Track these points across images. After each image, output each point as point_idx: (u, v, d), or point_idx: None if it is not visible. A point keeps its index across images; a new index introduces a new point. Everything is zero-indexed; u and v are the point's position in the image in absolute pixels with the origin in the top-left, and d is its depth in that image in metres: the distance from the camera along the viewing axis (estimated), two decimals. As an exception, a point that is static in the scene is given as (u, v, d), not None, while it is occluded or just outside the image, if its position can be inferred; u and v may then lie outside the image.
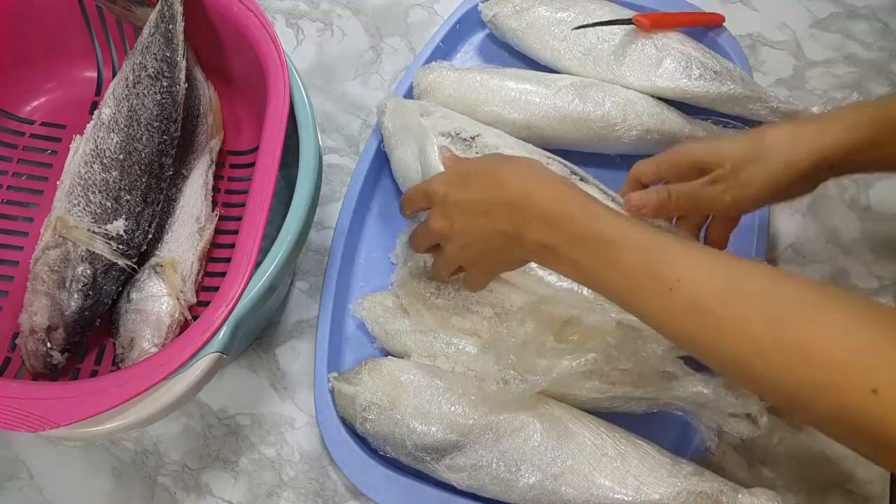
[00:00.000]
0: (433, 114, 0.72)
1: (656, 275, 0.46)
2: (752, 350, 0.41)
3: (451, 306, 0.67)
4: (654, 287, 0.46)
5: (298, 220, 0.59)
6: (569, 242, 0.50)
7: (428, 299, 0.67)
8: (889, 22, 0.86)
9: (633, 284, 0.47)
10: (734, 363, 0.43)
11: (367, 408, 0.62)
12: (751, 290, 0.43)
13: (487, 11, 0.80)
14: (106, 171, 0.64)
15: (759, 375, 0.42)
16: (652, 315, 0.47)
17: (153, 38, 0.66)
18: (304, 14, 0.87)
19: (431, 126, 0.70)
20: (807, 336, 0.39)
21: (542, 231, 0.51)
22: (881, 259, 0.73)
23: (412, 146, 0.70)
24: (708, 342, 0.44)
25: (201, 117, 0.71)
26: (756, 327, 0.41)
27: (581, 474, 0.58)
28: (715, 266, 0.45)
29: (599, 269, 0.49)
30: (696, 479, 0.58)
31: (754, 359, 0.41)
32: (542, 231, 0.51)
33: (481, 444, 0.60)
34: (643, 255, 0.47)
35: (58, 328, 0.61)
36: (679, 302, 0.45)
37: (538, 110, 0.73)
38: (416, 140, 0.70)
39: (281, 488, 0.65)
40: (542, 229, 0.51)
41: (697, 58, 0.73)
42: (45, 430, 0.51)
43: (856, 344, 0.38)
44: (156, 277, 0.64)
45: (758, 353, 0.41)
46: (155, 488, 0.65)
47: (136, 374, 0.53)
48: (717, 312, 0.43)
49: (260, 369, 0.70)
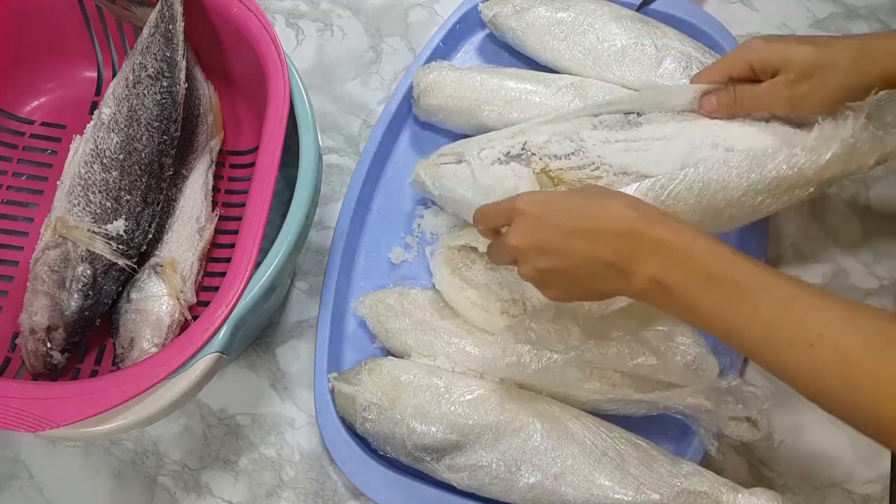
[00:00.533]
0: (470, 149, 0.68)
1: (796, 328, 0.44)
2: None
3: (475, 281, 0.66)
4: (794, 340, 0.44)
5: (298, 220, 0.59)
6: (695, 283, 0.47)
7: (458, 268, 0.67)
8: (889, 22, 0.86)
9: (769, 336, 0.45)
10: (880, 420, 0.42)
11: (367, 408, 0.62)
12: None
13: (487, 11, 0.80)
14: (106, 171, 0.64)
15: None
16: (788, 368, 0.45)
17: (153, 38, 0.66)
18: (304, 14, 0.87)
19: (482, 161, 0.66)
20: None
21: (662, 267, 0.48)
22: (881, 259, 0.73)
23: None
24: (852, 400, 0.43)
25: (201, 117, 0.71)
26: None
27: (581, 474, 0.58)
28: (857, 320, 0.44)
29: (728, 316, 0.46)
30: (696, 479, 0.58)
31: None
32: (662, 267, 0.48)
33: (481, 444, 0.60)
34: (783, 305, 0.45)
35: (58, 328, 0.61)
36: (821, 357, 0.43)
37: (538, 110, 0.72)
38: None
39: (281, 488, 0.65)
40: (661, 265, 0.48)
41: (697, 58, 0.73)
42: (45, 430, 0.51)
43: None
44: (156, 277, 0.65)
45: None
46: (155, 488, 0.65)
47: (136, 374, 0.53)
48: (863, 370, 0.42)
49: (260, 369, 0.70)
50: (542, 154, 0.65)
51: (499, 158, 0.66)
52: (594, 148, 0.64)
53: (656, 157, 0.63)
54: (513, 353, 0.59)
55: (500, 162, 0.66)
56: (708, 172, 0.59)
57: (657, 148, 0.63)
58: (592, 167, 0.63)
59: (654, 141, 0.63)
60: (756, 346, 0.46)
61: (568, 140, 0.65)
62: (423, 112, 0.76)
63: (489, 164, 0.66)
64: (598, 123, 0.66)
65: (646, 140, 0.64)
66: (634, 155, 0.63)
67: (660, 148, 0.63)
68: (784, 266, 0.73)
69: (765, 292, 0.45)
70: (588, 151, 0.64)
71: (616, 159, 0.63)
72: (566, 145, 0.65)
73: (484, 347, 0.64)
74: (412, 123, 0.79)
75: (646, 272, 0.48)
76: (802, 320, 0.44)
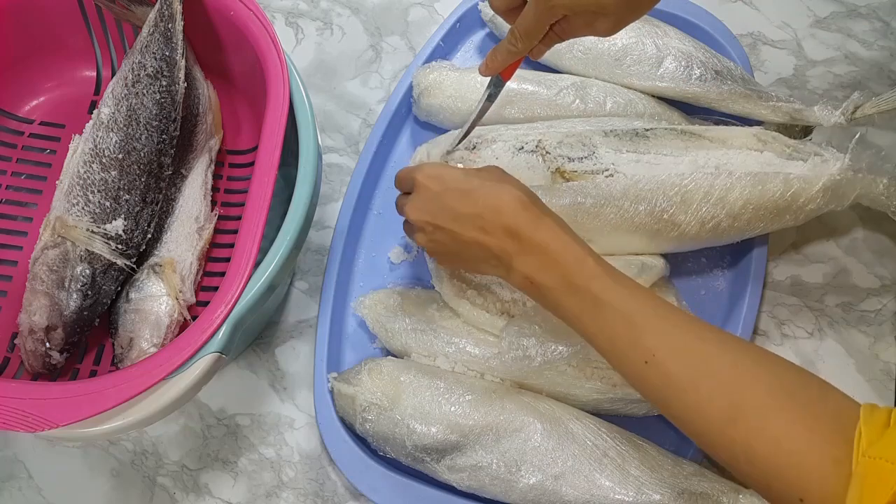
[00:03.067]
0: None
1: (635, 344, 0.49)
2: (711, 439, 0.46)
3: (475, 282, 0.67)
4: (633, 356, 0.49)
5: (298, 220, 0.59)
6: (560, 288, 0.52)
7: (458, 269, 0.67)
8: (890, 21, 0.86)
9: (613, 347, 0.50)
10: (698, 439, 0.47)
11: (367, 408, 0.61)
12: (717, 382, 0.46)
13: (487, 11, 0.80)
14: (105, 170, 0.64)
15: (717, 456, 0.46)
16: (629, 378, 0.51)
17: (152, 37, 0.66)
18: (304, 13, 0.87)
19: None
20: (751, 442, 0.43)
21: (536, 268, 0.53)
22: (881, 259, 0.73)
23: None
24: (677, 415, 0.48)
25: (200, 117, 0.71)
26: (716, 420, 0.45)
27: (581, 475, 0.58)
28: (688, 348, 0.48)
29: (585, 323, 0.51)
30: (696, 480, 0.58)
31: (713, 446, 0.46)
32: (536, 268, 0.53)
33: (481, 444, 0.59)
34: (626, 321, 0.49)
35: (57, 328, 0.61)
36: (653, 376, 0.48)
37: (539, 110, 0.73)
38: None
39: (280, 489, 0.65)
40: (536, 266, 0.53)
41: (698, 57, 0.73)
42: (44, 430, 0.51)
43: (790, 455, 0.42)
44: (155, 277, 0.64)
45: (715, 444, 0.46)
46: (154, 489, 0.65)
47: (136, 374, 0.53)
48: (685, 396, 0.47)
49: (259, 369, 0.69)
50: (556, 154, 0.65)
51: (511, 151, 0.66)
52: (607, 155, 0.65)
53: (667, 170, 0.64)
54: (518, 347, 0.59)
55: (513, 153, 0.66)
56: (716, 179, 0.64)
57: (666, 163, 0.64)
58: (607, 173, 0.64)
59: (663, 156, 0.64)
60: (606, 353, 0.51)
61: (581, 144, 0.66)
62: (424, 112, 0.76)
63: (503, 153, 0.67)
64: (609, 132, 0.67)
65: (654, 154, 0.65)
66: (646, 167, 0.64)
67: (669, 163, 0.64)
68: (785, 266, 0.73)
69: (614, 307, 0.50)
70: (602, 157, 0.65)
71: (629, 168, 0.64)
72: (579, 149, 0.65)
73: (484, 347, 0.64)
74: (412, 123, 0.79)
75: (523, 270, 0.53)
76: (641, 339, 0.49)
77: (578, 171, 0.64)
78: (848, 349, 0.70)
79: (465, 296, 0.66)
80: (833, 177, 0.64)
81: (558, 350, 0.59)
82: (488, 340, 0.65)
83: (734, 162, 0.64)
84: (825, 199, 0.64)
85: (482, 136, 0.68)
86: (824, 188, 0.64)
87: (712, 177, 0.63)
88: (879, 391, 0.68)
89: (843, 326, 0.71)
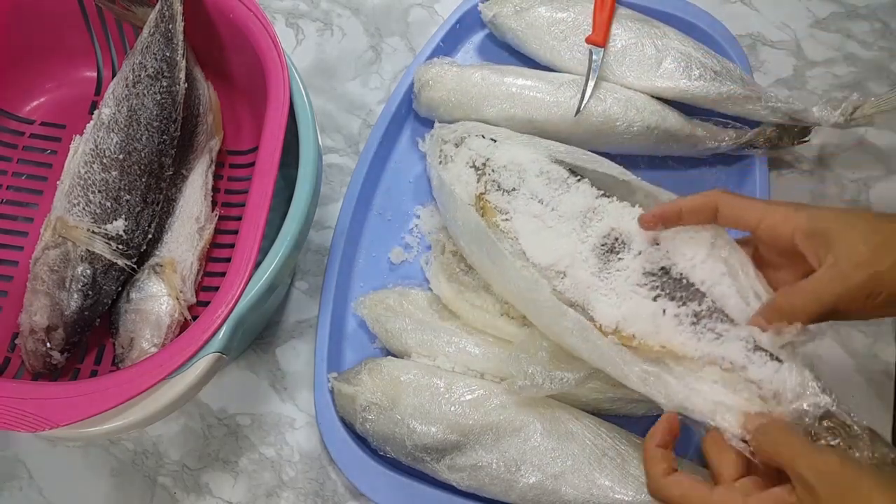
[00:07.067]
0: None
1: None
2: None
3: (473, 284, 0.67)
4: None
5: (298, 220, 0.59)
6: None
7: (455, 273, 0.67)
8: (889, 22, 0.86)
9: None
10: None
11: (367, 408, 0.62)
12: None
13: (487, 11, 0.80)
14: (105, 170, 0.64)
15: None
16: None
17: (153, 37, 0.66)
18: (304, 14, 0.87)
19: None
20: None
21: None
22: (881, 259, 0.73)
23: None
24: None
25: (201, 117, 0.71)
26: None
27: (581, 474, 0.58)
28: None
29: None
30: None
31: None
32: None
33: (481, 444, 0.60)
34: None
35: (57, 328, 0.61)
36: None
37: (540, 105, 0.72)
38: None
39: (281, 488, 0.65)
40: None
41: (697, 58, 0.73)
42: (44, 430, 0.51)
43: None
44: (155, 277, 0.64)
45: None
46: (154, 488, 0.65)
47: (136, 374, 0.53)
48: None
49: (260, 369, 0.70)
50: (490, 178, 0.65)
51: (467, 162, 0.68)
52: (534, 189, 0.63)
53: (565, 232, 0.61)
54: (525, 377, 0.58)
55: (466, 164, 0.67)
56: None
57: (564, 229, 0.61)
58: (505, 217, 0.62)
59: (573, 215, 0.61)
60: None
61: (517, 175, 0.65)
62: (424, 107, 0.76)
63: (458, 163, 0.68)
64: (542, 172, 0.65)
65: (567, 207, 0.62)
66: (549, 217, 0.62)
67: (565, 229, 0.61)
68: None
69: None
70: (523, 192, 0.63)
71: (527, 239, 0.61)
72: (513, 179, 0.65)
73: (484, 347, 0.64)
74: (412, 123, 0.79)
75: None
76: None
77: (492, 205, 0.64)
78: (847, 349, 0.70)
79: (463, 298, 0.66)
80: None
81: (565, 378, 0.58)
82: (488, 340, 0.65)
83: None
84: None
85: (469, 133, 0.70)
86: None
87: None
88: (879, 391, 0.68)
89: (842, 326, 0.71)
